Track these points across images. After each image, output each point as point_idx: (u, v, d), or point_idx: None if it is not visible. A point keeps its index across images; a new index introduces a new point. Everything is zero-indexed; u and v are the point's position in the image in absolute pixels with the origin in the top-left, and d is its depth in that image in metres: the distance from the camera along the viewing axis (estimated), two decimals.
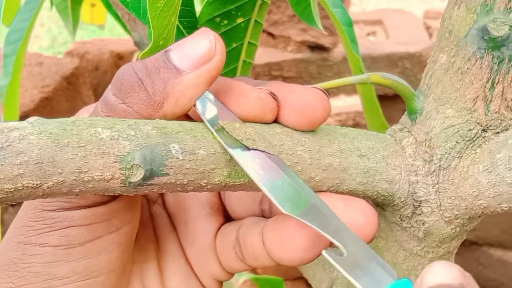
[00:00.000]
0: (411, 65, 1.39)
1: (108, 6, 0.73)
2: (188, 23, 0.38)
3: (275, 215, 0.30)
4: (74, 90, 1.18)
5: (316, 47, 1.46)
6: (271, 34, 1.51)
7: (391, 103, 1.44)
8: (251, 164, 0.25)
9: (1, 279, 0.26)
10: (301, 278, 1.53)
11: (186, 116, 0.28)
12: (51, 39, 2.80)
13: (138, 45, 0.62)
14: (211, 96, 0.27)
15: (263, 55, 1.52)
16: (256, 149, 0.26)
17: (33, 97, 1.08)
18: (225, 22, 0.35)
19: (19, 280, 0.26)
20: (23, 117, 1.01)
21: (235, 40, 0.36)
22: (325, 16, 0.85)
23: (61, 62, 1.20)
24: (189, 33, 0.38)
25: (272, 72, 1.49)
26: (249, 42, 0.37)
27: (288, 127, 0.28)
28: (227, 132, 0.26)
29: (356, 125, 1.42)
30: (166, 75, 0.25)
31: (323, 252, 0.24)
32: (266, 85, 0.28)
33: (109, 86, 0.26)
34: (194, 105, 0.26)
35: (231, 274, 0.32)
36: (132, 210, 0.29)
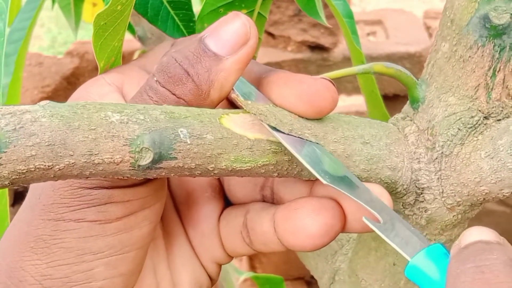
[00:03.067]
0: (411, 65, 1.40)
1: None
2: (184, 16, 0.38)
3: (277, 201, 0.31)
4: (74, 90, 1.18)
5: (316, 47, 1.47)
6: (271, 34, 1.52)
7: (391, 103, 1.45)
8: (287, 141, 0.26)
9: (26, 257, 0.27)
10: (301, 278, 1.53)
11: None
12: (51, 39, 2.81)
13: (142, 40, 0.62)
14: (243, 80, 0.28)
15: (263, 55, 1.52)
16: (289, 134, 0.27)
17: (33, 97, 1.08)
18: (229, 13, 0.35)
19: (48, 256, 0.26)
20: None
21: None
22: (326, 16, 0.86)
23: (61, 62, 1.20)
24: (185, 25, 0.39)
25: None
26: None
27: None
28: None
29: None
30: (208, 63, 0.26)
31: (364, 218, 0.26)
32: (273, 72, 0.29)
33: (154, 77, 0.27)
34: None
35: (231, 258, 0.32)
36: (163, 189, 0.29)
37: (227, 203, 0.33)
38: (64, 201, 0.26)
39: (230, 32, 0.26)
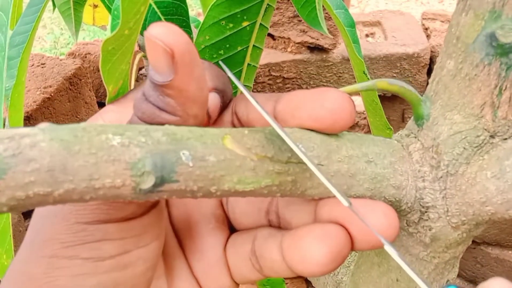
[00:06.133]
0: (409, 66, 1.40)
1: (110, 9, 0.73)
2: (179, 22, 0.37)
3: (284, 225, 0.31)
4: (76, 90, 1.18)
5: (316, 48, 1.47)
6: (271, 35, 1.51)
7: (390, 103, 1.45)
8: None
9: None
10: (301, 277, 1.53)
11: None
12: (53, 41, 2.80)
13: (142, 48, 0.61)
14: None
15: (263, 55, 1.52)
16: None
17: (35, 98, 1.08)
18: (231, 25, 0.35)
19: None
20: (26, 117, 1.00)
21: (240, 44, 0.36)
22: (325, 17, 0.85)
23: (63, 63, 1.19)
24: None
25: (272, 72, 1.49)
26: (254, 46, 0.37)
27: (298, 128, 0.28)
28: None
29: (355, 124, 1.42)
30: (167, 92, 0.26)
31: (385, 247, 0.25)
32: (283, 97, 0.28)
33: (134, 115, 0.27)
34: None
35: (238, 285, 0.32)
36: (160, 226, 0.29)
37: (231, 229, 0.33)
38: (59, 237, 0.26)
39: (156, 59, 0.25)
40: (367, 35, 1.54)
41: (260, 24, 0.36)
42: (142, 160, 0.23)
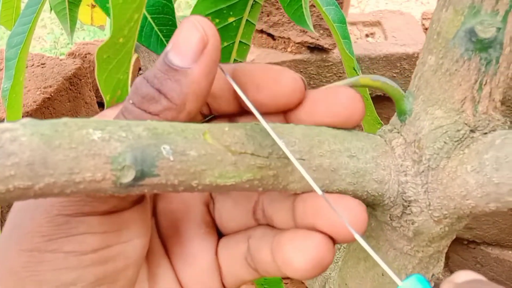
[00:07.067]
0: (409, 66, 1.40)
1: (105, 8, 0.73)
2: (168, 32, 0.38)
3: (268, 222, 0.31)
4: (76, 90, 1.18)
5: (316, 48, 1.47)
6: (271, 35, 1.52)
7: (391, 102, 1.45)
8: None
9: None
10: None
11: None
12: (53, 41, 2.81)
13: (136, 50, 0.62)
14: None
15: (263, 55, 1.52)
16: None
17: (35, 98, 1.08)
18: (217, 20, 0.35)
19: None
20: (26, 117, 1.01)
21: (226, 39, 0.37)
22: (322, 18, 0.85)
23: (63, 63, 1.20)
24: (168, 41, 0.38)
25: None
26: (240, 42, 0.37)
27: (280, 123, 0.28)
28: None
29: None
30: (177, 78, 0.26)
31: (356, 236, 0.27)
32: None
33: (129, 100, 0.27)
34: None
35: None
36: (144, 225, 0.29)
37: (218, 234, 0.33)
38: (41, 230, 0.26)
39: (186, 42, 0.26)
40: (367, 35, 1.54)
41: (247, 20, 0.36)
42: (123, 154, 0.23)
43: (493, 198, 0.27)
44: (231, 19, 0.36)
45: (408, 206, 0.30)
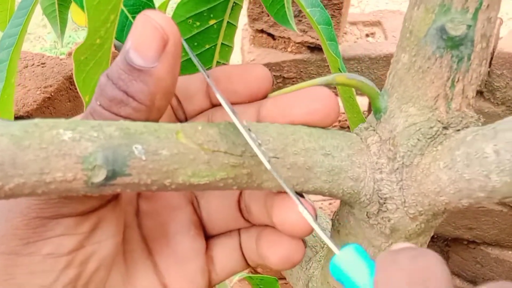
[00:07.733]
0: None
1: (83, 8, 0.73)
2: None
3: (248, 216, 0.32)
4: (76, 90, 1.19)
5: (315, 48, 1.47)
6: (271, 35, 1.52)
7: None
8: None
9: None
10: None
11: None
12: (53, 40, 2.82)
13: (118, 49, 0.62)
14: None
15: (264, 55, 1.52)
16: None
17: (35, 97, 1.09)
18: (198, 23, 0.35)
19: None
20: (26, 117, 1.02)
21: (208, 42, 0.37)
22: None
23: (63, 63, 1.20)
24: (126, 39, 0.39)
25: (272, 72, 1.50)
26: (222, 43, 0.37)
27: (255, 122, 0.29)
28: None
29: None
30: (142, 78, 0.25)
31: (300, 209, 0.28)
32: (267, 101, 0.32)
33: (96, 100, 0.26)
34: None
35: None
36: (116, 225, 0.29)
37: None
38: (17, 233, 0.25)
39: (146, 40, 0.25)
40: (367, 35, 1.54)
41: (228, 22, 0.36)
42: (93, 154, 0.24)
43: (465, 194, 0.27)
44: (212, 22, 0.36)
45: (384, 203, 0.30)
